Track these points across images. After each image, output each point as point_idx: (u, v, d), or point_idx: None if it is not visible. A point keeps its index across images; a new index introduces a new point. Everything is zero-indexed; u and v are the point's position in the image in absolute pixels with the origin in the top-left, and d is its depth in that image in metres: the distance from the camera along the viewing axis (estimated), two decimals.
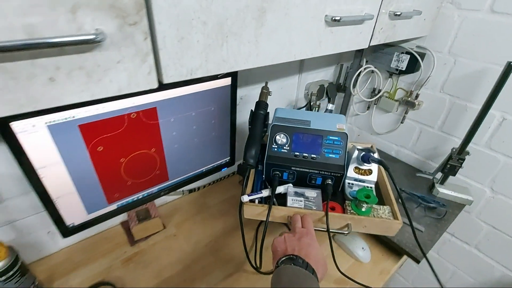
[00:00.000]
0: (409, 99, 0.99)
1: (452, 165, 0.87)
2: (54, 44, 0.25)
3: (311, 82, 1.14)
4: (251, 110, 0.70)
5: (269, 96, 0.74)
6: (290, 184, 0.69)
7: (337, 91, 1.21)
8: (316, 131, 0.67)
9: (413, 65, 0.93)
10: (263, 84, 0.96)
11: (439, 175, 0.93)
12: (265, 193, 0.66)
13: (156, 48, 0.33)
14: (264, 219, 0.61)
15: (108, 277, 0.70)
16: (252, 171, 0.72)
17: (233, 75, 0.76)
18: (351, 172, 0.69)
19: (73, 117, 0.54)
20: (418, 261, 0.72)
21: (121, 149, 0.65)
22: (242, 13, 0.38)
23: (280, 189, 0.67)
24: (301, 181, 0.69)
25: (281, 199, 0.66)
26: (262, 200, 0.67)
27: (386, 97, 1.07)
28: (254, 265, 0.69)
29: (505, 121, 0.82)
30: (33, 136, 0.51)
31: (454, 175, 0.89)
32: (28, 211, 0.66)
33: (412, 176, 1.01)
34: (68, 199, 0.62)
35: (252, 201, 0.64)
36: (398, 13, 0.63)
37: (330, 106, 1.18)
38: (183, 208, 0.92)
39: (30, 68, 0.26)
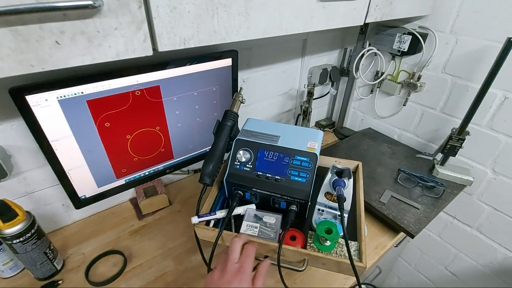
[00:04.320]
0: (411, 81, 0.99)
1: (452, 145, 0.88)
2: (57, 8, 0.29)
3: (314, 66, 1.15)
4: (218, 120, 0.65)
5: (241, 105, 0.68)
6: (253, 205, 0.62)
7: (340, 75, 1.22)
8: (283, 149, 0.60)
9: (415, 46, 0.93)
10: (265, 67, 0.98)
11: (439, 156, 0.94)
12: (220, 214, 0.59)
13: (150, 17, 0.36)
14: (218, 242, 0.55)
15: (117, 246, 0.75)
16: (215, 186, 0.66)
17: (233, 55, 0.78)
18: (321, 197, 0.61)
19: (82, 92, 0.59)
20: (412, 236, 0.74)
21: (127, 126, 0.69)
22: None
23: (239, 210, 0.61)
24: (265, 203, 0.62)
25: (240, 220, 0.59)
26: (220, 221, 0.61)
27: (389, 79, 1.07)
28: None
29: (507, 100, 0.82)
30: (46, 110, 0.56)
31: (454, 155, 0.90)
32: (44, 184, 0.72)
33: (413, 158, 1.02)
34: (79, 172, 0.67)
35: (208, 221, 0.59)
36: None
37: (332, 91, 1.20)
38: (189, 186, 0.97)
39: (39, 31, 0.30)
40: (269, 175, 0.60)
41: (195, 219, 0.58)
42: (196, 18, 0.39)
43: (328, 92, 1.23)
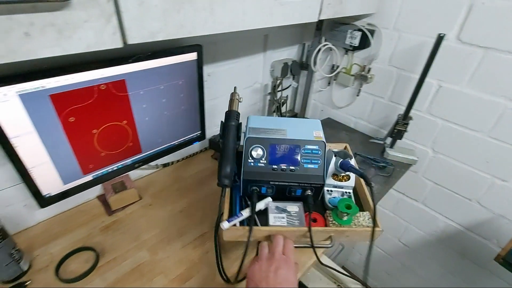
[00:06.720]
0: (362, 73, 1.09)
1: (398, 129, 0.99)
2: (26, 0, 0.30)
3: (276, 60, 1.21)
4: (221, 121, 0.66)
5: (239, 103, 0.69)
6: (270, 198, 0.66)
7: (300, 69, 1.29)
8: (293, 141, 0.64)
9: (364, 41, 1.03)
10: (231, 61, 1.01)
11: (389, 140, 1.05)
12: (245, 213, 0.62)
13: (119, 10, 0.38)
14: (245, 240, 0.57)
15: (87, 243, 0.74)
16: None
17: (198, 50, 0.81)
18: (329, 179, 0.67)
19: (43, 87, 0.57)
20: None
21: (92, 120, 0.69)
22: None
23: (260, 205, 0.64)
24: (281, 193, 0.66)
25: (262, 215, 0.64)
26: (244, 220, 0.62)
27: (344, 72, 1.17)
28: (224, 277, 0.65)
29: (441, 88, 0.95)
30: (5, 105, 0.54)
31: (401, 138, 1.01)
32: (4, 184, 0.69)
33: (367, 142, 1.13)
34: (43, 169, 0.65)
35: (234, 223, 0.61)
36: None
37: (293, 84, 1.27)
38: (158, 180, 0.97)
39: (8, 22, 0.31)
40: (284, 166, 0.63)
41: (226, 225, 0.58)
42: (164, 12, 0.42)
43: (290, 85, 1.30)
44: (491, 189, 0.97)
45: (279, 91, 1.24)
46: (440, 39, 0.81)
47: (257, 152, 0.63)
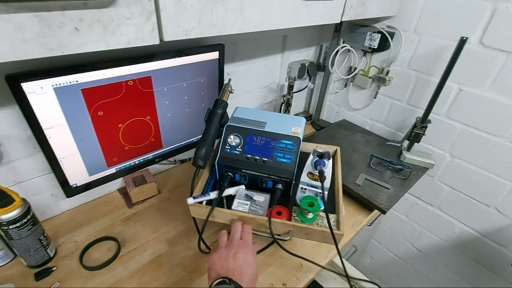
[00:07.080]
0: (380, 75, 1.09)
1: (416, 132, 0.99)
2: None
3: (293, 61, 1.22)
4: (208, 108, 0.70)
5: (231, 94, 0.74)
6: (242, 186, 0.68)
7: (317, 70, 1.30)
8: (269, 134, 0.66)
9: (383, 44, 1.03)
10: (250, 61, 1.03)
11: (406, 143, 1.05)
12: (212, 195, 0.64)
13: (158, 9, 0.40)
14: (209, 219, 0.62)
15: (110, 233, 0.77)
16: (207, 169, 0.72)
17: (220, 49, 0.83)
18: (304, 177, 0.66)
19: (77, 81, 0.60)
20: (384, 212, 0.83)
21: (119, 115, 0.71)
22: None
23: (230, 191, 0.67)
24: (253, 183, 0.68)
25: (232, 200, 0.65)
26: (213, 201, 0.65)
27: (361, 74, 1.17)
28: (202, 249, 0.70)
29: (461, 92, 0.94)
30: (41, 97, 0.57)
31: (419, 141, 1.01)
32: (34, 173, 0.72)
33: (383, 145, 1.13)
34: (71, 160, 0.68)
35: (201, 201, 0.64)
36: None
37: (310, 85, 1.28)
38: (176, 176, 1.00)
39: (61, 17, 0.33)
40: (257, 157, 0.65)
41: (190, 200, 0.62)
42: (198, 11, 0.44)
43: (306, 86, 1.31)
44: (511, 195, 0.95)
45: (294, 92, 1.25)
46: (462, 42, 0.80)
47: (234, 140, 0.66)
